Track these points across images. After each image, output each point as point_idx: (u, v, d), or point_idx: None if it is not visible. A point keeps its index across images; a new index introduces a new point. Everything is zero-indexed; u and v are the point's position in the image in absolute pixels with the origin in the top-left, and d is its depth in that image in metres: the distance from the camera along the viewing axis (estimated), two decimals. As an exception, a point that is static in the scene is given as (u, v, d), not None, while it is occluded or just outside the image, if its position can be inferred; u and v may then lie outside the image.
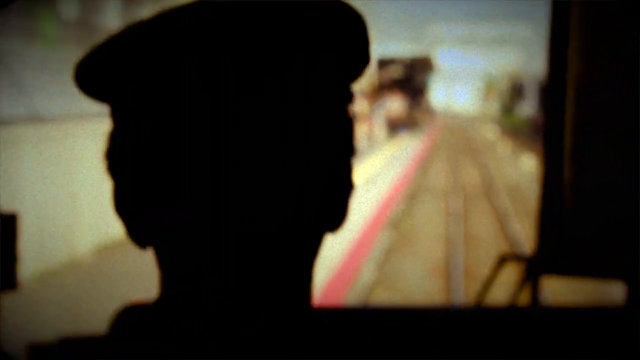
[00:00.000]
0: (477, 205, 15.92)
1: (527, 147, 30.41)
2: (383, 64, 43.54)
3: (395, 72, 41.82)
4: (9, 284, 1.21)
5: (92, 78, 0.69)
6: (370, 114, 29.91)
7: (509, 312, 1.48)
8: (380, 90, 36.59)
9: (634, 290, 1.47)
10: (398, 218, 13.54)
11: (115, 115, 0.70)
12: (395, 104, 38.53)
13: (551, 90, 1.47)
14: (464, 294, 8.88)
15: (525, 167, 23.80)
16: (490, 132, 51.86)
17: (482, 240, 12.09)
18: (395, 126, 37.31)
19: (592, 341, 1.33)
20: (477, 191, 18.49)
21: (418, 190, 18.08)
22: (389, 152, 27.04)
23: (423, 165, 24.85)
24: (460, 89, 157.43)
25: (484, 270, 9.07)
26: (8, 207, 1.38)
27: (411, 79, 45.97)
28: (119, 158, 0.69)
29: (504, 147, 35.35)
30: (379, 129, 32.85)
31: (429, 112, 52.27)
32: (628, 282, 1.47)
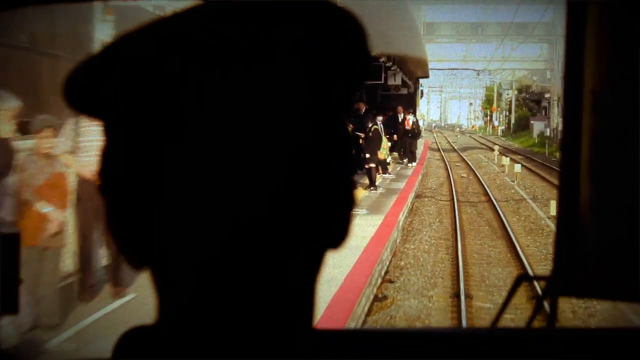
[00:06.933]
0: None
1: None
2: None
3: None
4: (10, 308, 1.15)
5: (81, 92, 0.67)
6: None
7: (525, 333, 1.44)
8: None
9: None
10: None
11: (107, 130, 0.67)
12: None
13: (567, 104, 1.43)
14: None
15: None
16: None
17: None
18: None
19: None
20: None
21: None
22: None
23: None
24: (455, 101, 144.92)
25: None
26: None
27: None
28: (112, 174, 0.67)
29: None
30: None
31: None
32: (648, 303, 1.43)
